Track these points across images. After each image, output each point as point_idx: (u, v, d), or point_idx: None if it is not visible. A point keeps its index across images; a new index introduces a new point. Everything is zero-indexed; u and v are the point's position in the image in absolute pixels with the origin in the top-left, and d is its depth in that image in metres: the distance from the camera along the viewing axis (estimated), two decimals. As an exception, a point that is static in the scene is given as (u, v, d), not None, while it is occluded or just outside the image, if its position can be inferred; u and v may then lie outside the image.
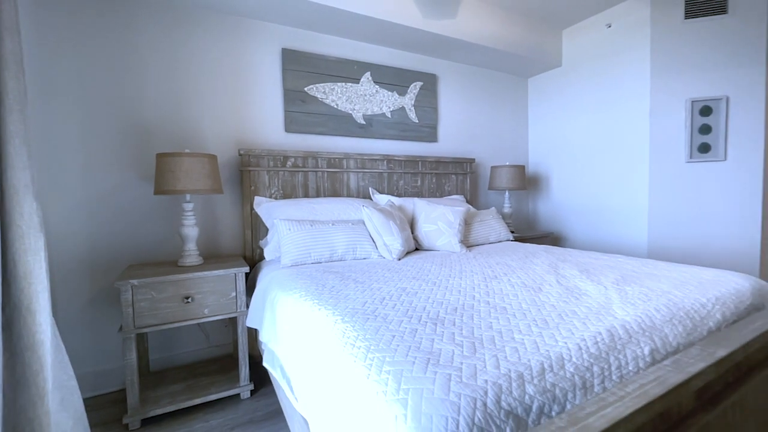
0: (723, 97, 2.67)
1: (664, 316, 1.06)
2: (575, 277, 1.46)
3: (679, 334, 1.01)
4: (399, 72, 2.92)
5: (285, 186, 2.40)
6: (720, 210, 2.72)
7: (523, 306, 1.13)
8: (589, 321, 1.01)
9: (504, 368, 0.76)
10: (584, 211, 3.31)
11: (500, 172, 3.16)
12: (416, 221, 2.40)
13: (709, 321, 1.10)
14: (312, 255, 1.91)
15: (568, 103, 3.39)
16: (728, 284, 1.36)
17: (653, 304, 1.13)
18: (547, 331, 0.94)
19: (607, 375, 0.83)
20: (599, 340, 0.90)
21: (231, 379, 1.96)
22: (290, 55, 2.47)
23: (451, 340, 0.89)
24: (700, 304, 1.17)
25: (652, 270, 1.57)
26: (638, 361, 0.88)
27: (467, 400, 0.67)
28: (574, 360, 0.82)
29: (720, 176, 2.71)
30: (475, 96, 3.43)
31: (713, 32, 2.68)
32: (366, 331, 0.96)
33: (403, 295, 1.26)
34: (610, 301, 1.17)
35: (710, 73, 2.70)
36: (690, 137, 2.75)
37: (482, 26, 2.90)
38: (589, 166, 3.25)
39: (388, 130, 2.88)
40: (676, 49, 2.76)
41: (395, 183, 2.85)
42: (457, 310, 1.10)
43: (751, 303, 1.29)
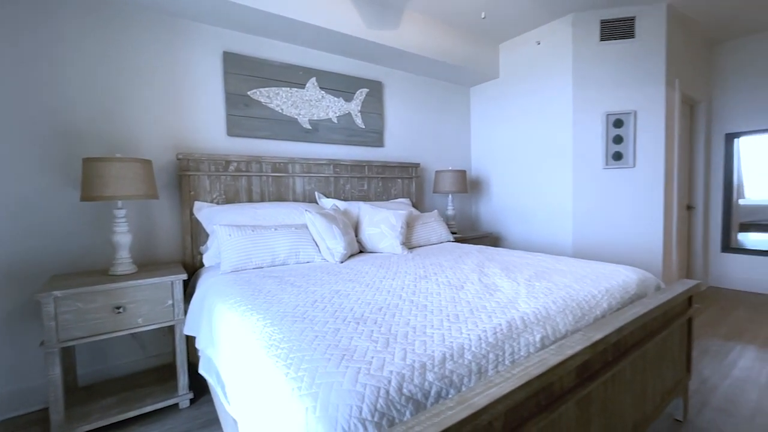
0: (632, 112, 3.03)
1: (559, 307, 1.23)
2: (496, 275, 1.62)
3: (569, 323, 1.17)
4: (345, 78, 2.99)
5: (227, 191, 2.38)
6: (631, 210, 3.07)
7: (442, 303, 1.25)
8: (494, 314, 1.14)
9: (410, 360, 0.86)
10: (520, 213, 3.58)
11: (444, 176, 3.33)
12: (360, 225, 2.49)
13: (596, 310, 1.29)
14: (253, 260, 1.93)
15: (505, 112, 3.65)
16: (619, 277, 1.57)
17: (552, 297, 1.30)
18: (456, 325, 1.06)
19: (501, 360, 0.96)
20: (498, 331, 1.03)
21: (169, 389, 1.92)
22: (232, 59, 2.45)
23: (369, 337, 0.97)
24: (592, 295, 1.36)
25: (562, 266, 1.77)
26: (529, 347, 1.03)
27: (372, 389, 0.76)
28: (473, 349, 0.94)
29: (630, 181, 3.07)
30: (420, 103, 3.59)
31: (623, 54, 3.03)
32: (291, 333, 1.02)
33: (335, 297, 1.33)
34: (518, 295, 1.32)
35: (622, 90, 3.05)
36: (606, 146, 3.08)
37: (424, 38, 3.05)
38: (523, 171, 3.52)
39: (334, 135, 2.94)
40: (594, 68, 3.08)
41: (342, 187, 2.91)
42: (382, 309, 1.19)
43: (636, 293, 1.51)
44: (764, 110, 3.59)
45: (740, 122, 3.74)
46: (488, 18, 3.12)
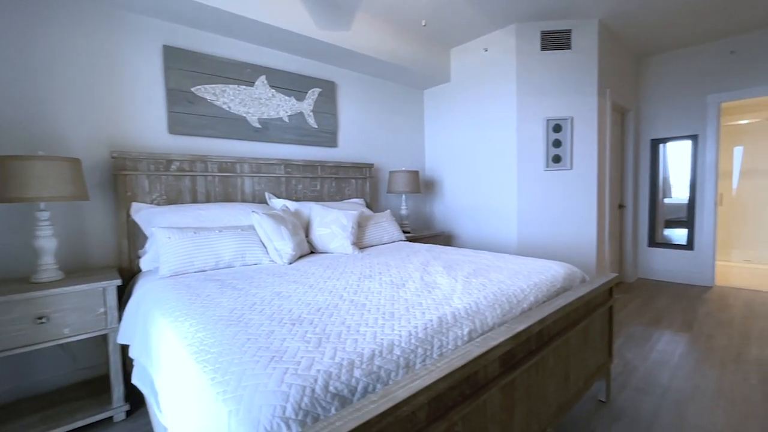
0: (569, 118, 3.26)
1: (489, 301, 1.31)
2: (438, 273, 1.69)
3: (497, 316, 1.25)
4: (296, 77, 2.96)
5: (169, 191, 2.28)
6: (569, 210, 3.31)
7: (381, 302, 1.29)
8: (428, 311, 1.20)
9: (339, 358, 0.89)
10: (471, 212, 3.73)
11: (397, 177, 3.39)
12: (311, 225, 2.48)
13: (524, 303, 1.39)
14: (195, 263, 1.86)
15: (456, 115, 3.79)
16: (549, 272, 1.70)
17: (485, 292, 1.38)
18: (390, 322, 1.10)
19: (429, 354, 1.01)
20: (429, 327, 1.09)
21: (103, 402, 1.81)
22: (174, 53, 2.35)
23: (302, 337, 0.99)
24: (521, 289, 1.46)
25: (501, 263, 1.88)
26: (457, 341, 1.09)
27: (297, 388, 0.78)
28: (402, 345, 0.99)
29: (568, 182, 3.31)
30: (375, 104, 3.63)
31: (562, 64, 3.25)
32: (223, 337, 1.01)
33: (275, 299, 1.33)
34: (454, 292, 1.39)
35: (560, 97, 3.27)
36: (546, 150, 3.29)
37: (377, 40, 3.09)
38: (473, 172, 3.67)
39: (286, 134, 2.90)
40: (536, 76, 3.28)
41: (294, 187, 2.88)
42: (320, 310, 1.20)
43: (562, 286, 1.64)
44: (683, 119, 4.00)
45: (664, 129, 4.14)
46: (438, 24, 3.22)
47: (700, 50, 3.83)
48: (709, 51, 3.79)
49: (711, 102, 3.81)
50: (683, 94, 3.97)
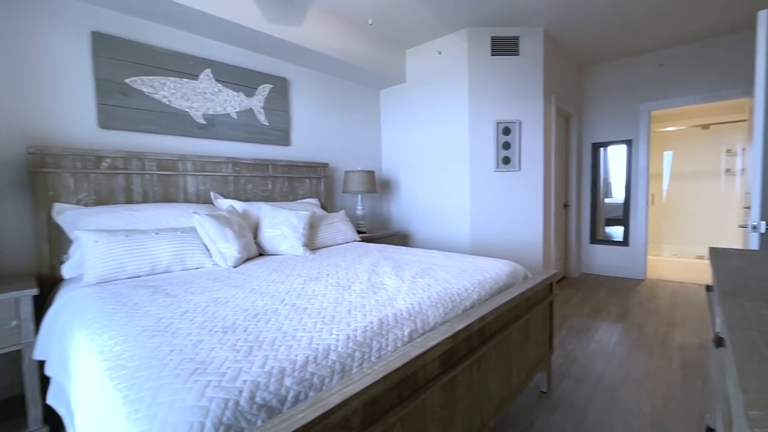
0: (517, 121, 3.39)
1: (432, 301, 1.32)
2: (386, 274, 1.68)
3: (439, 315, 1.27)
4: (245, 72, 2.84)
5: (99, 191, 2.09)
6: (518, 209, 3.45)
7: (323, 305, 1.26)
8: (370, 313, 1.18)
9: (269, 366, 0.85)
10: (426, 212, 3.78)
11: (353, 177, 3.36)
12: (260, 226, 2.39)
13: (466, 302, 1.42)
14: (127, 269, 1.72)
15: (412, 116, 3.83)
16: (493, 270, 1.75)
17: (429, 292, 1.40)
18: (329, 326, 1.07)
19: (366, 358, 0.99)
20: (368, 329, 1.07)
21: (17, 426, 1.63)
22: (104, 41, 2.16)
23: (232, 346, 0.93)
24: (464, 288, 1.49)
25: (449, 263, 1.91)
26: (397, 342, 1.08)
27: (218, 402, 0.73)
28: (339, 349, 0.96)
29: (517, 183, 3.45)
30: (330, 103, 3.57)
31: (511, 69, 3.38)
32: (144, 350, 0.93)
33: (211, 306, 1.25)
34: (399, 292, 1.39)
35: (509, 101, 3.40)
36: (497, 151, 3.41)
37: (330, 38, 3.04)
38: (428, 173, 3.73)
39: (234, 131, 2.77)
40: (486, 79, 3.38)
41: (243, 187, 2.76)
42: (258, 316, 1.15)
43: (505, 283, 1.69)
44: (619, 125, 4.31)
45: (603, 134, 4.44)
46: (392, 25, 3.23)
47: (634, 62, 4.15)
48: (640, 63, 4.11)
49: (642, 110, 4.14)
50: (619, 101, 4.29)
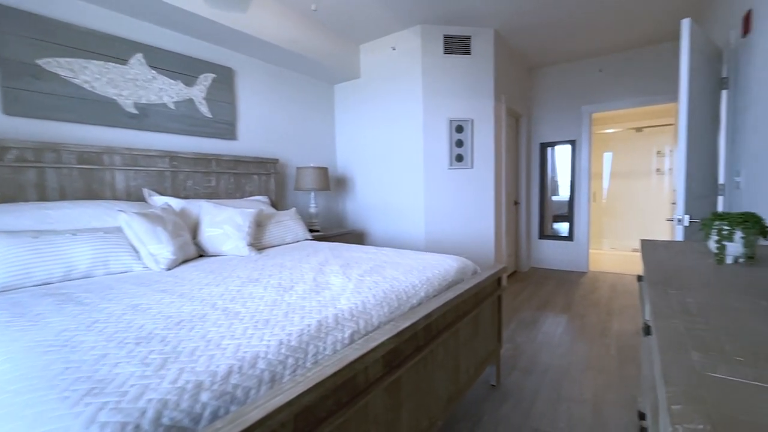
0: (470, 119, 3.45)
1: (378, 300, 1.27)
2: (333, 272, 1.61)
3: (384, 314, 1.22)
4: (184, 60, 2.63)
5: (4, 187, 1.82)
6: (470, 206, 3.51)
7: (260, 308, 1.16)
8: (309, 315, 1.11)
9: (183, 381, 0.75)
10: (382, 209, 3.74)
11: (305, 173, 3.24)
12: (200, 225, 2.21)
13: (414, 299, 1.38)
14: (35, 275, 1.51)
15: (367, 112, 3.77)
16: (443, 266, 1.74)
17: (376, 290, 1.34)
18: (261, 331, 0.98)
19: (301, 364, 0.92)
20: (305, 333, 0.99)
21: None
22: (9, 15, 1.89)
23: (142, 360, 0.82)
24: (412, 285, 1.45)
25: (400, 260, 1.87)
26: (336, 345, 1.02)
27: (113, 427, 0.62)
28: (269, 357, 0.88)
29: (470, 181, 3.50)
30: (282, 96, 3.42)
31: (463, 68, 3.42)
32: (33, 369, 0.79)
33: (128, 314, 1.11)
34: (344, 292, 1.32)
35: (462, 100, 3.44)
36: (450, 149, 3.45)
37: (280, 27, 2.90)
38: (384, 170, 3.69)
39: (171, 123, 2.56)
40: (440, 77, 3.40)
41: (182, 183, 2.55)
42: (182, 323, 1.03)
43: (454, 279, 1.68)
44: (564, 126, 4.54)
45: (550, 134, 4.66)
46: (346, 18, 3.15)
47: (577, 67, 4.39)
48: (583, 68, 4.35)
49: (584, 112, 4.38)
50: (564, 103, 4.51)
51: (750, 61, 1.96)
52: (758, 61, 1.84)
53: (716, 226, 1.03)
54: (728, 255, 1.03)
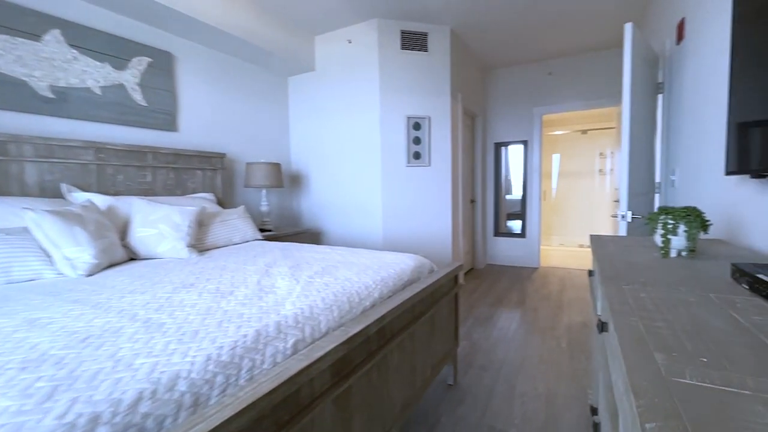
0: (427, 117, 3.43)
1: (328, 304, 1.17)
2: (281, 275, 1.48)
3: (333, 319, 1.12)
4: (114, 40, 2.35)
5: None
6: (428, 204, 3.49)
7: (189, 318, 1.02)
8: (248, 323, 0.98)
9: (73, 414, 0.60)
10: (339, 208, 3.62)
11: (256, 169, 3.05)
12: (131, 225, 1.98)
13: (367, 301, 1.29)
14: None
15: (323, 107, 3.63)
16: (399, 265, 1.67)
17: (326, 293, 1.24)
18: (186, 345, 0.85)
19: (233, 382, 0.80)
20: (239, 344, 0.87)
21: None
22: None
23: (23, 390, 0.66)
24: (366, 286, 1.37)
25: (354, 259, 1.78)
26: (277, 357, 0.91)
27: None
28: (193, 376, 0.75)
29: (427, 178, 3.48)
30: (231, 87, 3.19)
31: (420, 65, 3.40)
32: None
33: (21, 331, 0.92)
34: (290, 295, 1.21)
35: (419, 97, 3.41)
36: (408, 146, 3.40)
37: (227, 12, 2.68)
38: (340, 167, 3.58)
39: (97, 110, 2.27)
40: (397, 73, 3.34)
41: (111, 178, 2.28)
42: (88, 339, 0.87)
43: (409, 279, 1.62)
44: (517, 126, 4.68)
45: (504, 134, 4.78)
46: (300, 7, 2.99)
47: (529, 69, 4.54)
48: (534, 71, 4.51)
49: (536, 113, 4.55)
50: (517, 104, 4.65)
51: (683, 66, 2.09)
52: (691, 67, 1.97)
53: (662, 220, 1.04)
54: (672, 249, 1.04)
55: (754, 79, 1.04)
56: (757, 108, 1.02)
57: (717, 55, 1.60)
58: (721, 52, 1.55)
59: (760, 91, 1.00)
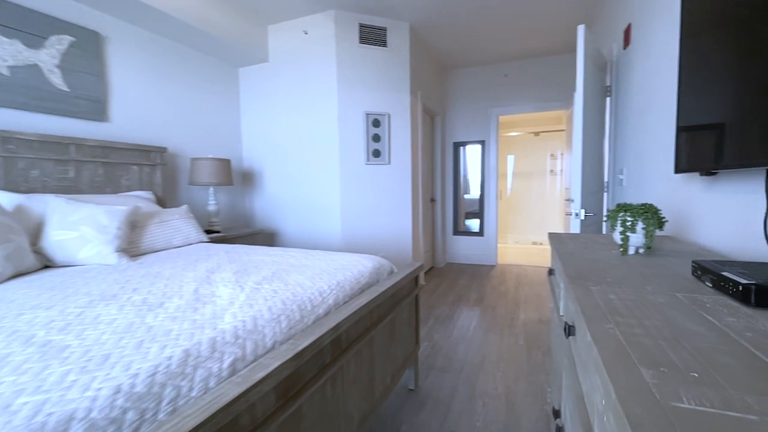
0: (386, 114, 3.35)
1: (275, 314, 1.04)
2: (223, 281, 1.32)
3: (281, 332, 1.00)
4: (26, 13, 2.03)
5: None
6: (388, 203, 3.42)
7: (102, 338, 0.85)
8: (175, 342, 0.83)
9: None
10: (295, 207, 3.45)
11: (201, 166, 2.80)
12: (46, 227, 1.70)
13: (320, 308, 1.18)
14: None
15: (277, 101, 3.43)
16: (356, 267, 1.57)
17: (274, 301, 1.11)
18: (90, 375, 0.69)
19: (149, 417, 0.66)
20: (161, 369, 0.73)
21: None
22: None
23: None
24: (320, 292, 1.25)
25: (309, 262, 1.65)
26: (209, 381, 0.77)
27: None
28: (92, 416, 0.60)
29: (387, 177, 3.41)
30: (175, 75, 2.91)
31: (379, 60, 3.31)
32: None
33: None
34: (232, 305, 1.07)
35: (378, 92, 3.33)
36: (367, 143, 3.31)
37: (164, -11, 2.43)
38: (296, 164, 3.40)
39: (4, 94, 1.95)
40: (355, 67, 3.24)
41: (21, 173, 1.96)
42: (-45, 374, 0.68)
43: (368, 282, 1.53)
44: (475, 126, 4.75)
45: (463, 134, 4.84)
46: (249, -10, 2.79)
47: (486, 70, 4.62)
48: (491, 72, 4.60)
49: (492, 114, 4.64)
50: (475, 105, 4.72)
51: (630, 71, 2.18)
52: (636, 71, 2.05)
53: (621, 217, 1.03)
54: (630, 246, 1.04)
55: (701, 86, 1.06)
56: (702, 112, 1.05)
57: (662, 61, 1.66)
58: (666, 57, 1.61)
59: (706, 97, 1.02)
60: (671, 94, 1.50)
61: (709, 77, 1.01)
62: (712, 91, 0.99)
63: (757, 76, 0.80)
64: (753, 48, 0.82)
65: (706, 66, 1.03)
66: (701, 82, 1.07)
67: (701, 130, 1.08)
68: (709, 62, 1.02)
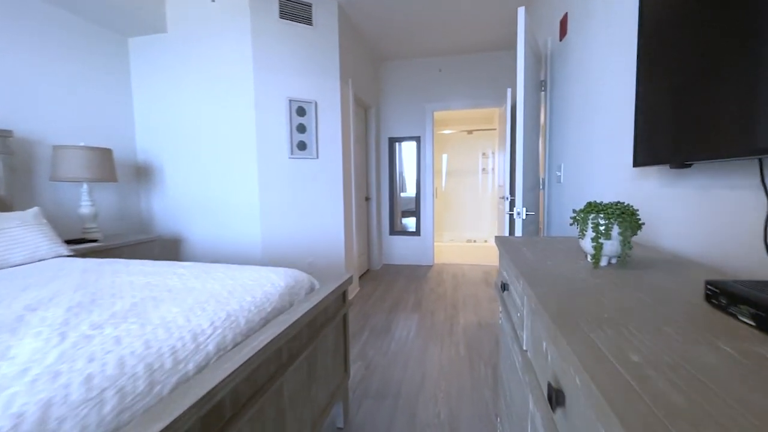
0: (313, 101, 2.96)
1: (96, 387, 0.64)
2: (39, 326, 0.86)
3: (100, 421, 0.60)
4: None
5: None
6: (317, 202, 3.04)
7: None
8: None
9: None
10: (206, 208, 2.91)
11: (70, 156, 2.16)
12: None
13: (189, 362, 0.80)
14: None
15: (180, 81, 2.86)
16: (262, 288, 1.20)
17: (108, 358, 0.71)
18: None
19: None
20: None
21: None
22: None
23: None
24: (194, 335, 0.86)
25: (198, 283, 1.23)
26: None
27: None
28: None
29: (315, 172, 3.03)
30: (35, 40, 2.22)
31: (303, 41, 2.91)
32: None
33: None
34: (23, 376, 0.64)
35: (303, 77, 2.92)
36: (291, 135, 2.89)
37: None
38: (206, 157, 2.87)
39: None
40: (275, 46, 2.80)
41: None
42: None
43: (276, 307, 1.16)
44: (410, 122, 4.56)
45: (398, 129, 4.61)
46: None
47: (421, 64, 4.44)
48: (426, 66, 4.43)
49: (428, 110, 4.49)
50: (410, 99, 4.53)
51: (567, 62, 2.08)
52: (574, 62, 1.95)
53: (592, 220, 0.81)
54: (603, 256, 0.82)
55: (659, 79, 0.90)
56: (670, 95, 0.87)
57: (606, 51, 1.54)
58: (610, 46, 1.49)
59: (666, 89, 0.85)
60: (622, 81, 1.37)
61: (680, 51, 0.84)
62: (682, 71, 0.82)
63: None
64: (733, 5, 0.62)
65: (676, 39, 0.86)
66: (659, 76, 0.90)
67: (671, 113, 0.91)
68: (678, 35, 0.84)
